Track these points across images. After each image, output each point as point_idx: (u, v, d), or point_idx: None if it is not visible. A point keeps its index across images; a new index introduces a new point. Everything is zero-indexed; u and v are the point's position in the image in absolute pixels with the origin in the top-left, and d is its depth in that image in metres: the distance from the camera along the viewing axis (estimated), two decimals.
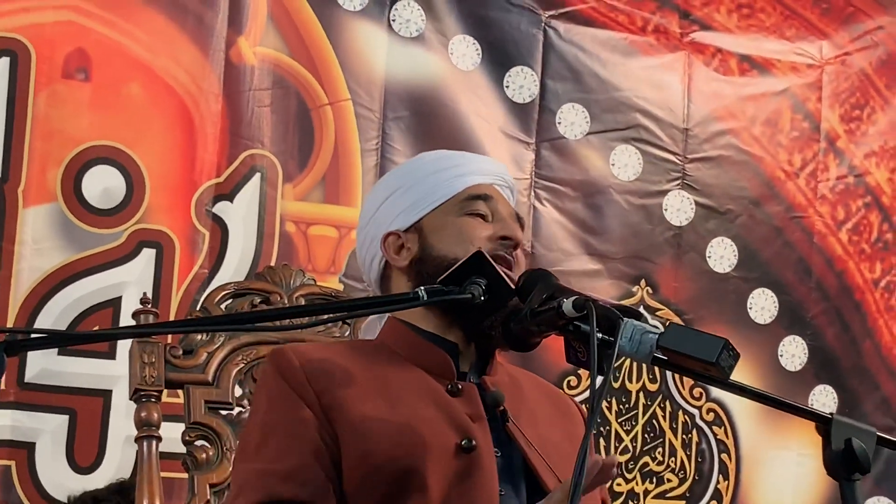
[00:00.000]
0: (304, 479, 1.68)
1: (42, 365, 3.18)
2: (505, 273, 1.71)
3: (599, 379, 1.51)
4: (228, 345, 2.26)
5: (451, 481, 1.68)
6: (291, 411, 1.73)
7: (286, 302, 2.31)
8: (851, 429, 1.54)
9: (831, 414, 1.56)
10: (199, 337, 2.25)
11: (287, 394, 1.75)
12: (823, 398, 4.06)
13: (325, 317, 2.08)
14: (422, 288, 1.64)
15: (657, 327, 1.57)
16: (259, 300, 2.31)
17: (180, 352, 2.22)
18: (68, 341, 1.87)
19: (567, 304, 1.59)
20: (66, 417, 3.22)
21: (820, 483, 3.94)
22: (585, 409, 1.91)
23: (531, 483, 1.75)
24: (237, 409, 2.22)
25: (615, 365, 1.56)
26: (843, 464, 1.53)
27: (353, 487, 1.69)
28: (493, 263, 1.69)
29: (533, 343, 1.72)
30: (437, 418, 1.72)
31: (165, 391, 2.19)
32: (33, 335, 1.44)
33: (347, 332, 2.29)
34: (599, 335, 1.54)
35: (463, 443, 1.70)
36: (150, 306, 2.23)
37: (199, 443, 2.16)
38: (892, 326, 4.20)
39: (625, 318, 1.55)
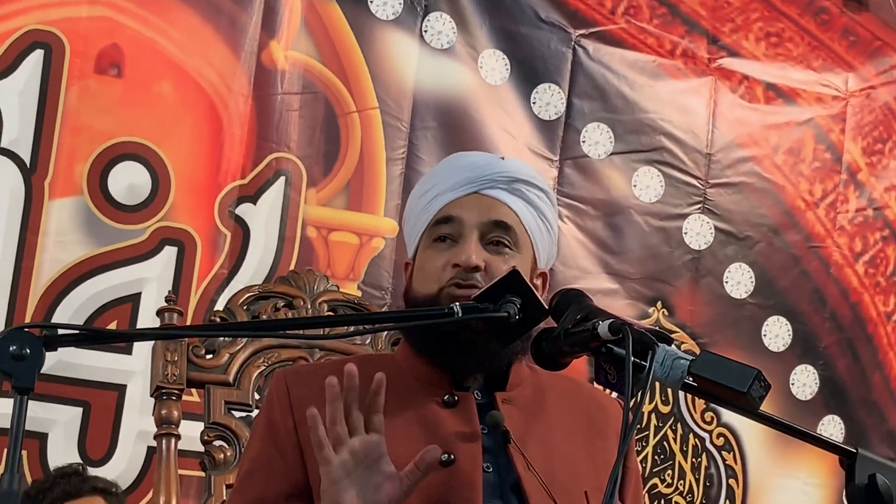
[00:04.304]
0: None
1: (58, 356, 3.17)
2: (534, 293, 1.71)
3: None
4: (251, 346, 2.26)
5: (428, 494, 1.68)
6: (268, 449, 1.78)
7: (309, 307, 2.32)
8: (876, 464, 1.56)
9: (856, 448, 1.56)
10: (221, 338, 2.26)
11: (269, 428, 1.79)
12: (831, 428, 4.06)
13: (350, 329, 2.10)
14: (457, 304, 1.64)
15: (690, 353, 1.58)
16: (282, 304, 2.31)
17: (203, 351, 2.22)
18: (105, 339, 1.87)
19: (603, 327, 1.60)
20: (79, 410, 3.23)
21: None
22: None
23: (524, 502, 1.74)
24: (256, 412, 2.22)
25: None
26: (866, 499, 1.53)
27: None
28: (528, 283, 1.69)
29: (563, 363, 1.73)
30: (417, 436, 1.73)
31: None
32: (70, 331, 1.45)
33: (368, 340, 2.30)
34: (633, 359, 1.55)
35: (442, 457, 1.70)
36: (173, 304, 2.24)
37: (217, 443, 2.17)
38: None
39: (659, 344, 1.56)
